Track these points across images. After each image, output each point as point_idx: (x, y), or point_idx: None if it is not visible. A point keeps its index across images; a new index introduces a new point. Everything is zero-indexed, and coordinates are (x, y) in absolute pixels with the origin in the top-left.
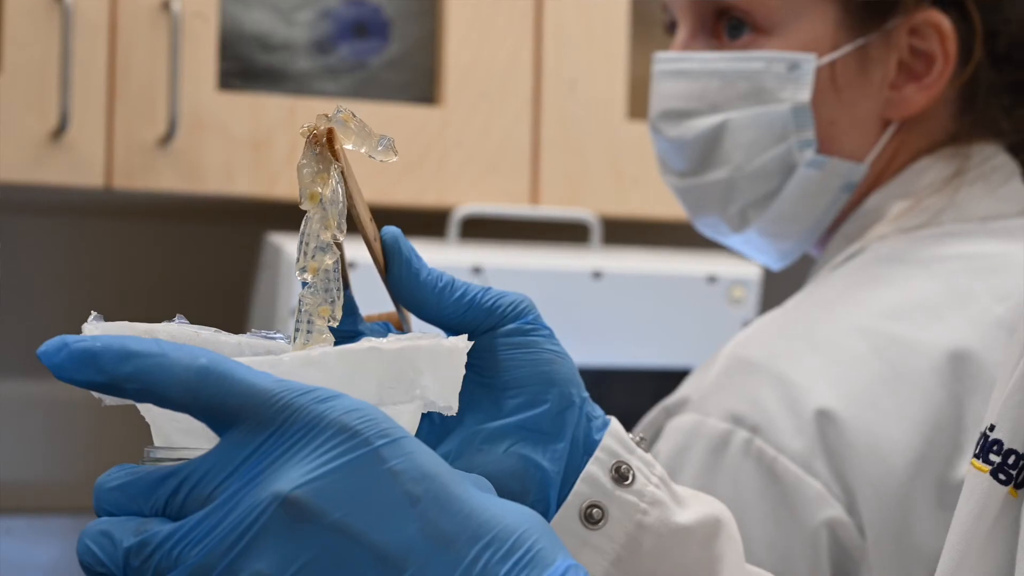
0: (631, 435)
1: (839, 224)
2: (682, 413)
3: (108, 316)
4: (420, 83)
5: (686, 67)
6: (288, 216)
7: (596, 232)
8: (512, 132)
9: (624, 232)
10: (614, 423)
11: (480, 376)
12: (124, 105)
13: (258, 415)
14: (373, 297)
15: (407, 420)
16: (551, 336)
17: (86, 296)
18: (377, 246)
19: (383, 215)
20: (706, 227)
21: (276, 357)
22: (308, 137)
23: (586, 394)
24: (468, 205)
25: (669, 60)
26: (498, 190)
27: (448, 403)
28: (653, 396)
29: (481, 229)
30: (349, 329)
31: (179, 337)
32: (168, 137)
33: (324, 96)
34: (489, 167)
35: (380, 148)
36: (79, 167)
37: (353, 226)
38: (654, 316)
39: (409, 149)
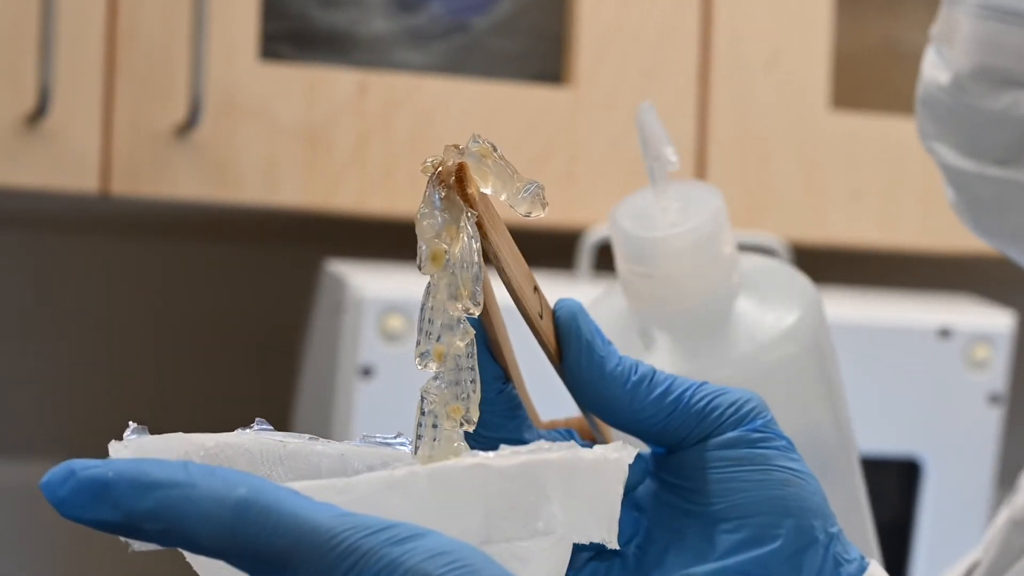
0: None
1: None
2: None
3: (102, 368)
4: (542, 54)
5: None
6: (353, 236)
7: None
8: (669, 124)
9: (822, 265)
10: (874, 568)
11: (688, 502)
12: (128, 80)
13: (314, 563)
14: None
15: (537, 564)
16: (789, 448)
17: (73, 339)
18: (546, 325)
19: None
20: (997, 237)
21: (347, 480)
22: (432, 175)
23: (836, 528)
24: (606, 226)
25: None
26: None
27: (589, 535)
28: (869, 496)
29: None
30: (512, 438)
31: (255, 452)
32: (189, 125)
33: (407, 70)
34: (635, 173)
35: (523, 196)
36: (65, 164)
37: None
38: (863, 382)
39: (526, 146)
